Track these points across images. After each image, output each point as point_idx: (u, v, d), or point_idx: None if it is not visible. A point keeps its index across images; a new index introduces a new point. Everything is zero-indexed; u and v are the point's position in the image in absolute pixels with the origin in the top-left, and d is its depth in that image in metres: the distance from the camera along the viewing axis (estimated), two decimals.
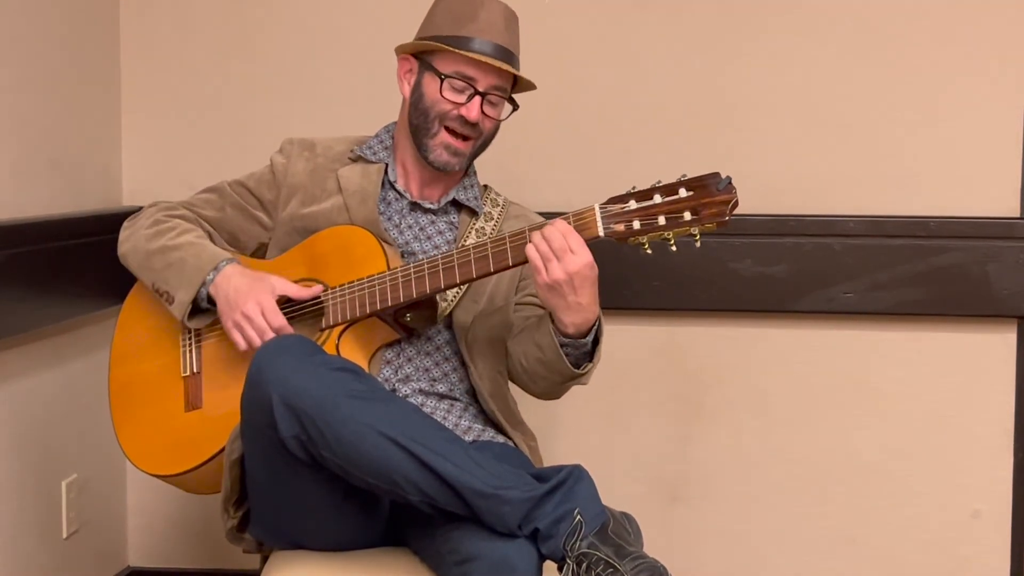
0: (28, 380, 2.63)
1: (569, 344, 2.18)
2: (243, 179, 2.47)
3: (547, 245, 2.06)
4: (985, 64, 2.81)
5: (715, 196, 2.01)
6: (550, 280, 2.07)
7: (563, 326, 2.14)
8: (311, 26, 2.96)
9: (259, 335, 2.23)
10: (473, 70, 2.28)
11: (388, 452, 1.98)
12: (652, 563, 1.92)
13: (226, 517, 2.24)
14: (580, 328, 2.14)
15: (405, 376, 2.32)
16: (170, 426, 2.34)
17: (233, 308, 2.26)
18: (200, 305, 2.32)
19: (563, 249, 2.06)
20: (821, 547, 2.92)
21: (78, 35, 2.83)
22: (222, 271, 2.30)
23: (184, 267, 2.31)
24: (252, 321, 2.24)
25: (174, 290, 2.32)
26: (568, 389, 2.32)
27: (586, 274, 2.07)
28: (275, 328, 2.24)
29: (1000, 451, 2.86)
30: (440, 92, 2.28)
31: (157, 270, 2.35)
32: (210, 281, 2.29)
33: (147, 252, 2.37)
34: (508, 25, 2.31)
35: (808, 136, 2.86)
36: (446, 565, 2.03)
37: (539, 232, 2.08)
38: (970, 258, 2.78)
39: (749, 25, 2.86)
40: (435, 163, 2.33)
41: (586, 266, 2.07)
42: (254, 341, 2.24)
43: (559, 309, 2.11)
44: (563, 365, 2.18)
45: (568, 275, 2.06)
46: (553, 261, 2.06)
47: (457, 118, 2.29)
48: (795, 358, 2.90)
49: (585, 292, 2.09)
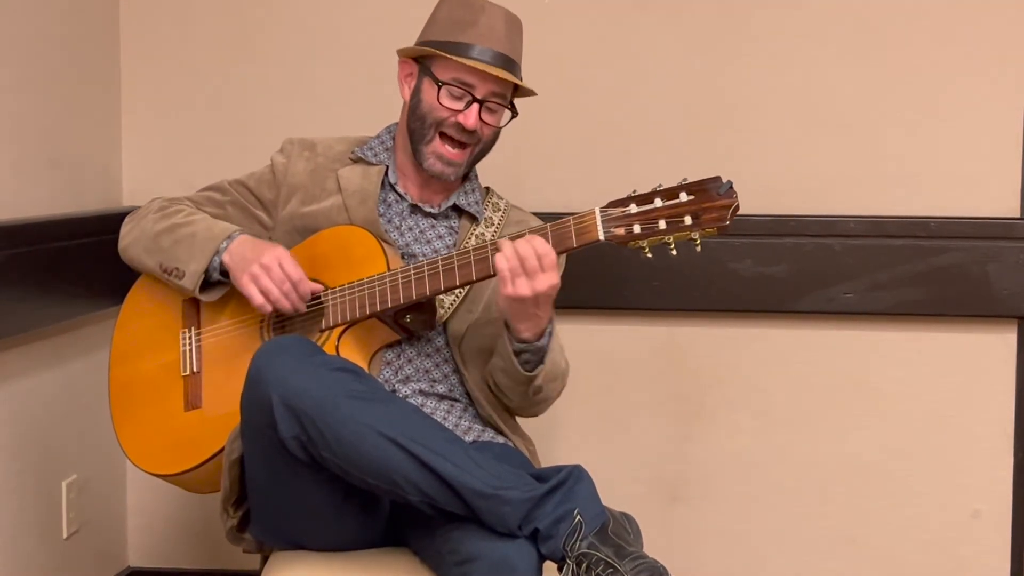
0: (28, 380, 2.63)
1: (527, 350, 2.20)
2: (243, 178, 2.47)
3: (518, 262, 2.08)
4: (985, 64, 2.81)
5: (716, 200, 2.01)
6: (515, 294, 2.10)
7: (518, 332, 2.18)
8: (311, 26, 2.96)
9: (277, 285, 2.22)
10: (471, 77, 2.27)
11: (388, 452, 1.98)
12: (652, 563, 1.92)
13: (226, 517, 2.24)
14: (536, 332, 2.18)
15: (405, 377, 2.32)
16: (170, 426, 2.34)
17: (249, 262, 2.24)
18: (211, 277, 2.32)
19: (535, 269, 2.08)
20: (821, 547, 2.92)
21: (78, 35, 2.83)
22: (236, 239, 2.30)
23: (195, 240, 2.31)
24: (270, 271, 2.23)
25: (184, 263, 2.31)
26: (539, 403, 2.33)
27: (550, 294, 2.12)
28: (294, 280, 2.23)
29: (1000, 451, 2.86)
30: (438, 99, 2.28)
31: (165, 248, 2.34)
32: (223, 249, 2.29)
33: (154, 234, 2.37)
34: (509, 31, 2.30)
35: (808, 136, 2.86)
36: (446, 565, 2.03)
37: (512, 245, 2.09)
38: (970, 258, 2.78)
39: (749, 26, 2.86)
40: (429, 171, 2.33)
41: (553, 287, 2.11)
42: (272, 292, 2.23)
43: (516, 318, 2.16)
44: (518, 372, 2.21)
45: (535, 294, 2.09)
46: (522, 277, 2.09)
47: (454, 125, 2.29)
48: (795, 358, 2.90)
49: (544, 307, 2.15)
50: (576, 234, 2.09)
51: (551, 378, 2.26)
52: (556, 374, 2.28)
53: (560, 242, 2.09)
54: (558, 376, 2.29)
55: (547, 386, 2.27)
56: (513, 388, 2.27)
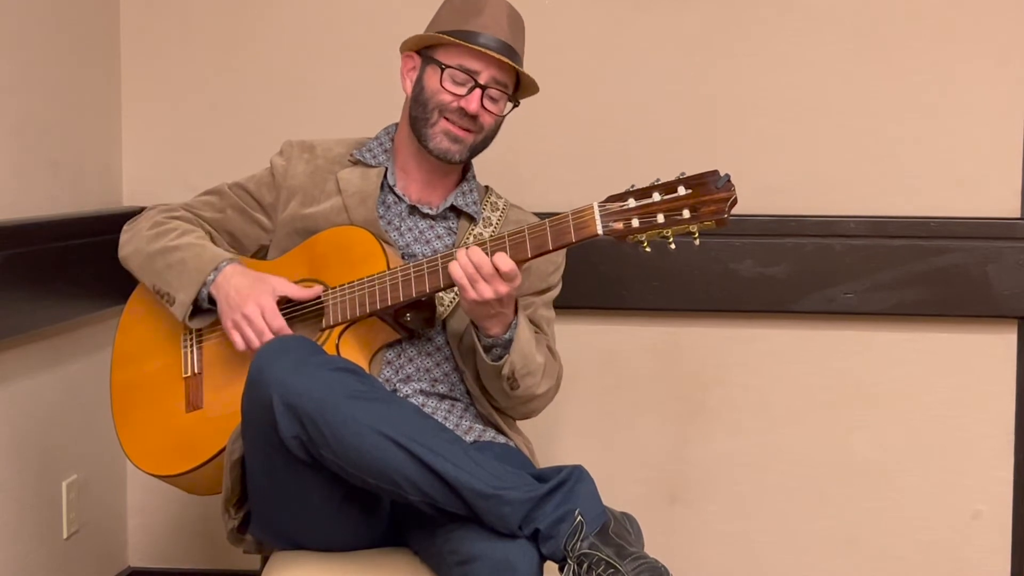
0: (28, 380, 2.63)
1: (496, 344, 2.23)
2: (243, 181, 2.47)
3: (474, 269, 2.12)
4: (986, 64, 2.81)
5: (714, 194, 2.01)
6: (479, 298, 2.13)
7: (487, 330, 2.21)
8: (311, 26, 2.96)
9: (258, 336, 2.24)
10: (475, 62, 2.28)
11: (388, 452, 1.98)
12: (653, 563, 1.91)
13: (227, 518, 2.24)
14: (503, 327, 2.22)
15: (406, 376, 2.32)
16: (171, 427, 2.34)
17: (233, 309, 2.26)
18: (201, 305, 2.32)
19: (492, 274, 2.11)
20: (821, 547, 2.92)
21: (78, 35, 2.83)
22: (223, 271, 2.30)
23: (184, 268, 2.32)
24: (252, 322, 2.24)
25: (175, 291, 2.32)
26: (527, 402, 2.34)
27: (512, 293, 2.15)
28: (274, 330, 2.24)
29: (1000, 451, 2.86)
30: (440, 83, 2.28)
31: (158, 271, 2.35)
32: (211, 281, 2.30)
33: (148, 254, 2.37)
34: (512, 24, 2.32)
35: (809, 137, 2.86)
36: (447, 565, 2.03)
37: (465, 254, 2.12)
38: (970, 259, 2.78)
39: (749, 25, 2.86)
40: (435, 151, 2.32)
41: (514, 288, 2.14)
42: (253, 342, 2.24)
43: (483, 319, 2.19)
44: (485, 362, 2.24)
45: (497, 295, 2.12)
46: (480, 282, 2.12)
47: (457, 110, 2.29)
48: (795, 359, 2.90)
49: (509, 305, 2.19)
50: (575, 229, 2.08)
51: (525, 372, 2.26)
52: (531, 368, 2.27)
53: (559, 237, 2.09)
54: (534, 371, 2.29)
55: (523, 381, 2.27)
56: (492, 385, 2.29)
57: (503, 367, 2.23)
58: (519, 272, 2.13)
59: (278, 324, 2.25)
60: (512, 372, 2.24)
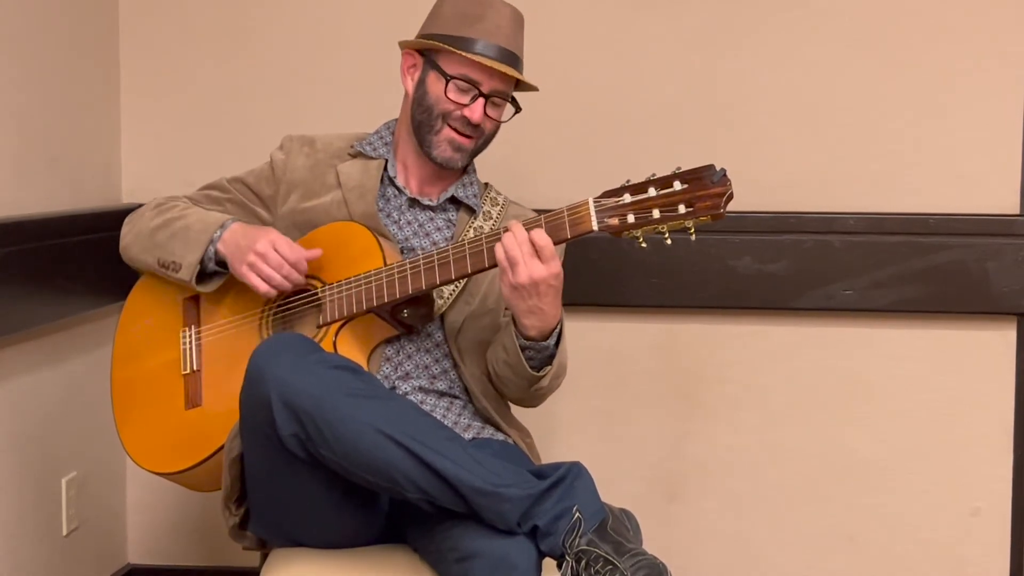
0: (27, 378, 2.63)
1: (531, 347, 2.19)
2: (242, 175, 2.47)
3: (517, 249, 2.07)
4: (985, 61, 2.81)
5: (709, 188, 2.01)
6: (515, 282, 2.09)
7: (524, 328, 2.16)
8: (310, 24, 2.95)
9: (276, 270, 2.23)
10: (478, 73, 2.28)
11: (387, 450, 1.98)
12: (651, 560, 1.91)
13: (227, 515, 2.24)
14: (541, 331, 2.17)
15: (405, 373, 2.32)
16: (171, 424, 2.34)
17: (244, 251, 2.26)
18: (207, 268, 2.32)
19: (531, 255, 2.07)
20: (820, 545, 2.92)
21: (78, 33, 2.83)
22: (229, 227, 2.31)
23: (189, 232, 2.33)
24: (266, 257, 2.24)
25: (180, 256, 2.32)
26: (539, 397, 2.32)
27: (551, 282, 2.10)
28: (291, 261, 2.24)
29: (1000, 449, 2.86)
30: (445, 92, 2.29)
31: (162, 243, 2.35)
32: (217, 238, 2.30)
33: (150, 231, 2.38)
34: (514, 27, 2.31)
35: (808, 133, 2.86)
36: (446, 563, 2.03)
37: (511, 234, 2.08)
38: (970, 255, 2.78)
39: (748, 23, 2.86)
40: (438, 159, 2.33)
41: (552, 275, 2.09)
42: (272, 278, 2.24)
43: (520, 311, 2.14)
44: (523, 368, 2.20)
45: (532, 280, 2.08)
46: (520, 265, 2.07)
47: (460, 119, 2.30)
48: (795, 355, 2.90)
49: (548, 299, 2.12)
50: (570, 225, 2.08)
51: (555, 376, 2.26)
52: (560, 372, 2.28)
53: (554, 233, 2.09)
54: (561, 374, 2.30)
55: (551, 383, 2.27)
56: (515, 382, 2.27)
57: (543, 378, 2.22)
58: (555, 254, 2.09)
59: (295, 255, 2.24)
60: (548, 380, 2.24)
